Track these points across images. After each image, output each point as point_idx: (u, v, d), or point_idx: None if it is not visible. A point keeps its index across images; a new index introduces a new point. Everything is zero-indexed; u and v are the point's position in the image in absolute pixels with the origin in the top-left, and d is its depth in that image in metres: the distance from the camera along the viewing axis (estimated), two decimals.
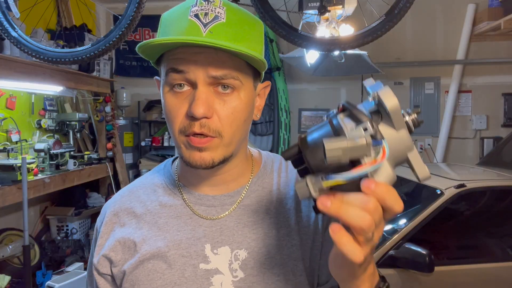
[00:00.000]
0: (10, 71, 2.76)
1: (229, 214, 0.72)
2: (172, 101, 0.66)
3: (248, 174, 0.77)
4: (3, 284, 2.77)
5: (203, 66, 0.63)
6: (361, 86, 4.80)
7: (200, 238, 0.71)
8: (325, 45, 1.96)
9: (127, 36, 1.90)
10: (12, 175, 2.70)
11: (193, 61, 0.63)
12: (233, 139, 0.67)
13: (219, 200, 0.73)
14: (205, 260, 0.70)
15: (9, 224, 3.28)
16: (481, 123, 4.60)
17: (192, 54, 0.63)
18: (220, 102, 0.65)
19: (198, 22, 0.64)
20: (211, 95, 0.64)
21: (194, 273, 0.69)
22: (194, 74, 0.63)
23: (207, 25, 0.63)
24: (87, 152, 3.97)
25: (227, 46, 0.60)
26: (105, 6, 4.44)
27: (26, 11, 2.30)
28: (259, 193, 0.75)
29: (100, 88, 3.98)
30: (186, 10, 0.65)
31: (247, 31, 0.67)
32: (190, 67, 0.63)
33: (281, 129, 4.52)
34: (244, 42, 0.65)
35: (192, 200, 0.74)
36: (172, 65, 0.65)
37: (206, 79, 0.64)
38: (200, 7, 0.64)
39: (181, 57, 0.64)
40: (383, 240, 2.19)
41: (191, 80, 0.64)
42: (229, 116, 0.65)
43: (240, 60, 0.65)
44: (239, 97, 0.66)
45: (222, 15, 0.64)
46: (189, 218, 0.72)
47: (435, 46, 4.66)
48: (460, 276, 2.18)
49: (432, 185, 2.46)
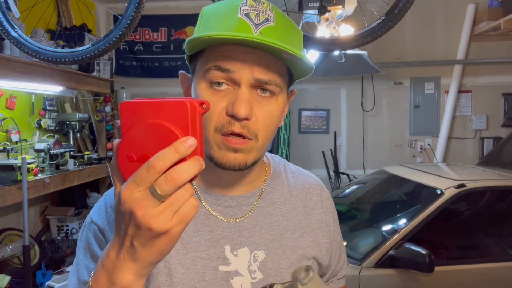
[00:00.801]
0: (10, 71, 2.76)
1: (247, 216, 0.72)
2: (210, 97, 0.64)
3: (262, 176, 0.77)
4: (3, 284, 2.77)
5: (250, 66, 0.62)
6: (361, 86, 4.81)
7: (219, 239, 0.70)
8: (325, 45, 1.96)
9: (127, 36, 1.90)
10: (12, 175, 2.70)
11: (241, 60, 0.62)
12: (265, 143, 0.67)
13: (236, 201, 0.73)
14: (225, 262, 0.69)
15: (9, 224, 3.28)
16: (481, 123, 4.60)
17: (241, 53, 0.62)
18: (259, 105, 0.64)
19: (249, 22, 0.62)
20: (252, 96, 0.64)
21: (214, 276, 0.68)
22: (240, 74, 0.62)
23: (258, 26, 0.62)
24: (87, 152, 3.97)
25: (285, 46, 0.59)
26: (105, 6, 4.44)
27: (26, 11, 2.30)
28: (273, 194, 0.77)
29: (100, 88, 3.98)
30: (235, 8, 0.63)
31: (293, 37, 0.66)
32: (237, 66, 0.62)
33: (281, 129, 4.51)
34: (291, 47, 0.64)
35: (208, 200, 0.72)
36: (216, 62, 0.63)
37: (251, 80, 0.63)
38: (250, 7, 0.63)
39: (228, 55, 0.62)
40: (383, 240, 2.19)
41: (235, 79, 0.63)
42: (266, 120, 0.65)
43: (284, 65, 0.65)
44: (276, 102, 0.66)
45: (271, 18, 0.63)
46: (206, 219, 0.71)
47: (435, 46, 4.66)
48: (460, 276, 2.18)
49: (432, 185, 2.46)
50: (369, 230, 2.53)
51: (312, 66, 0.65)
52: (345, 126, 4.90)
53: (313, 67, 0.66)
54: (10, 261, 3.10)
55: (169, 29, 4.88)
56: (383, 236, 2.26)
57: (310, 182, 0.83)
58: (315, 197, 0.81)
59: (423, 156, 4.74)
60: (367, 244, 2.29)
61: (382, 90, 4.81)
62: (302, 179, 0.82)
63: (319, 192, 0.83)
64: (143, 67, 5.01)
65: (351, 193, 3.18)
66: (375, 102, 4.80)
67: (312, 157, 4.92)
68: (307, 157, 4.91)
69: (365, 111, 4.82)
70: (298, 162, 1.43)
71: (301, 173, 0.84)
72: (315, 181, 0.85)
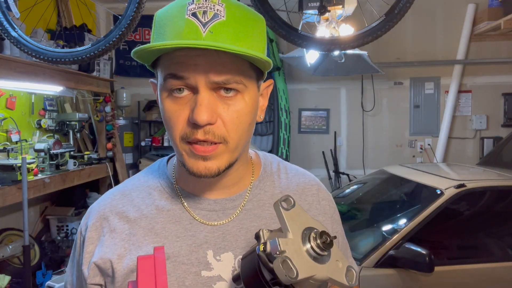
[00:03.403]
0: (10, 71, 2.76)
1: (231, 220, 0.70)
2: (172, 107, 0.62)
3: (249, 177, 0.74)
4: (3, 284, 2.77)
5: (204, 70, 0.59)
6: (361, 86, 4.81)
7: (201, 244, 0.68)
8: (325, 45, 1.96)
9: (127, 36, 1.90)
10: (12, 175, 2.70)
11: (193, 65, 0.59)
12: (238, 145, 0.64)
13: (220, 204, 0.70)
14: (207, 267, 0.67)
15: (9, 224, 3.28)
16: (481, 123, 4.60)
17: (192, 57, 0.59)
18: (223, 106, 0.61)
19: (197, 22, 0.58)
20: (214, 99, 0.61)
21: (195, 281, 0.66)
22: (195, 79, 0.59)
23: (206, 25, 0.58)
24: (87, 152, 3.97)
25: (230, 48, 0.56)
26: (105, 6, 4.44)
27: (26, 11, 2.30)
28: (261, 196, 0.74)
29: (100, 88, 3.98)
30: (182, 8, 0.60)
31: (249, 29, 0.62)
32: (190, 72, 0.59)
33: (281, 129, 4.51)
34: (246, 41, 0.61)
35: (191, 204, 0.70)
36: (170, 71, 0.60)
37: (208, 84, 0.60)
38: (197, 5, 0.59)
39: (180, 61, 0.60)
40: (383, 240, 2.19)
41: (192, 85, 0.60)
42: (234, 121, 0.62)
43: (243, 61, 0.61)
44: (243, 100, 0.63)
45: (221, 12, 0.59)
46: (189, 223, 0.69)
47: (435, 46, 4.66)
48: (460, 276, 2.18)
49: (432, 185, 2.46)
50: (369, 230, 2.53)
51: (268, 62, 0.61)
52: (345, 126, 4.90)
53: (270, 62, 0.61)
54: (10, 261, 3.10)
55: None
56: (383, 236, 2.26)
57: (306, 182, 0.79)
58: (310, 198, 0.78)
59: (423, 156, 4.74)
60: (367, 244, 2.29)
61: (382, 90, 4.81)
62: (296, 179, 0.79)
63: (315, 192, 0.79)
64: (143, 67, 4.97)
65: (351, 193, 3.18)
66: (375, 102, 4.80)
67: (312, 157, 4.92)
68: (307, 157, 4.91)
69: (365, 111, 4.82)
70: (298, 162, 1.43)
71: (296, 172, 0.80)
72: (311, 180, 0.81)
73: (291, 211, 0.56)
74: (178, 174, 0.73)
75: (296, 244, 0.53)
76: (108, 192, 0.76)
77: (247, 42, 0.61)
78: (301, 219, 0.56)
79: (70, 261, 0.75)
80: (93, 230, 0.70)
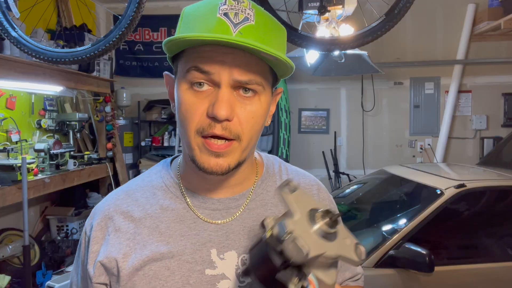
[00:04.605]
0: (10, 71, 2.76)
1: (234, 218, 0.71)
2: (191, 99, 0.63)
3: (252, 177, 0.76)
4: (3, 284, 2.77)
5: (230, 68, 0.61)
6: (361, 86, 4.81)
7: (205, 243, 0.69)
8: (325, 45, 1.96)
9: (127, 36, 1.90)
10: (12, 175, 2.70)
11: (220, 62, 0.61)
12: (249, 144, 0.66)
13: (224, 204, 0.72)
14: (211, 266, 0.68)
15: (9, 224, 3.28)
16: (481, 123, 4.60)
17: (220, 54, 0.61)
18: (241, 106, 0.63)
19: (228, 21, 0.61)
20: (233, 97, 0.63)
21: (199, 279, 0.67)
22: (219, 75, 0.61)
23: (237, 26, 0.61)
24: (87, 152, 3.97)
25: (263, 48, 0.58)
26: (105, 6, 4.44)
27: (26, 11, 2.30)
28: (264, 196, 0.75)
29: (100, 88, 3.98)
30: (214, 7, 0.62)
31: (274, 36, 0.65)
32: (216, 67, 0.61)
33: (281, 129, 4.51)
34: (272, 46, 0.62)
35: (195, 203, 0.71)
36: (196, 63, 0.62)
37: (231, 81, 0.62)
38: (229, 6, 0.62)
39: (206, 56, 0.61)
40: (383, 240, 2.19)
41: (215, 81, 0.62)
42: (249, 121, 0.64)
43: (265, 64, 0.64)
44: (259, 101, 0.65)
45: (251, 17, 0.62)
46: (193, 222, 0.70)
47: (435, 46, 4.66)
48: (460, 276, 2.18)
49: (432, 185, 2.46)
50: (369, 230, 2.53)
51: (292, 66, 0.64)
52: (345, 126, 4.90)
53: (293, 67, 0.64)
54: (10, 261, 3.10)
55: (169, 29, 4.89)
56: (383, 236, 2.26)
57: (306, 182, 0.81)
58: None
59: (423, 156, 4.74)
60: (367, 244, 2.28)
61: (382, 90, 4.81)
62: (297, 179, 0.81)
63: (315, 192, 0.81)
64: (143, 67, 5.01)
65: (351, 193, 3.18)
66: (375, 102, 4.80)
67: (312, 157, 4.92)
68: (307, 157, 4.91)
69: (365, 111, 4.82)
70: (298, 162, 1.43)
71: (297, 173, 0.82)
72: (311, 181, 0.82)
73: (295, 194, 0.57)
74: (182, 173, 0.74)
75: (304, 224, 0.53)
76: (112, 192, 0.77)
77: (273, 47, 0.63)
78: (306, 201, 0.57)
79: (75, 261, 0.76)
80: (98, 229, 0.71)
